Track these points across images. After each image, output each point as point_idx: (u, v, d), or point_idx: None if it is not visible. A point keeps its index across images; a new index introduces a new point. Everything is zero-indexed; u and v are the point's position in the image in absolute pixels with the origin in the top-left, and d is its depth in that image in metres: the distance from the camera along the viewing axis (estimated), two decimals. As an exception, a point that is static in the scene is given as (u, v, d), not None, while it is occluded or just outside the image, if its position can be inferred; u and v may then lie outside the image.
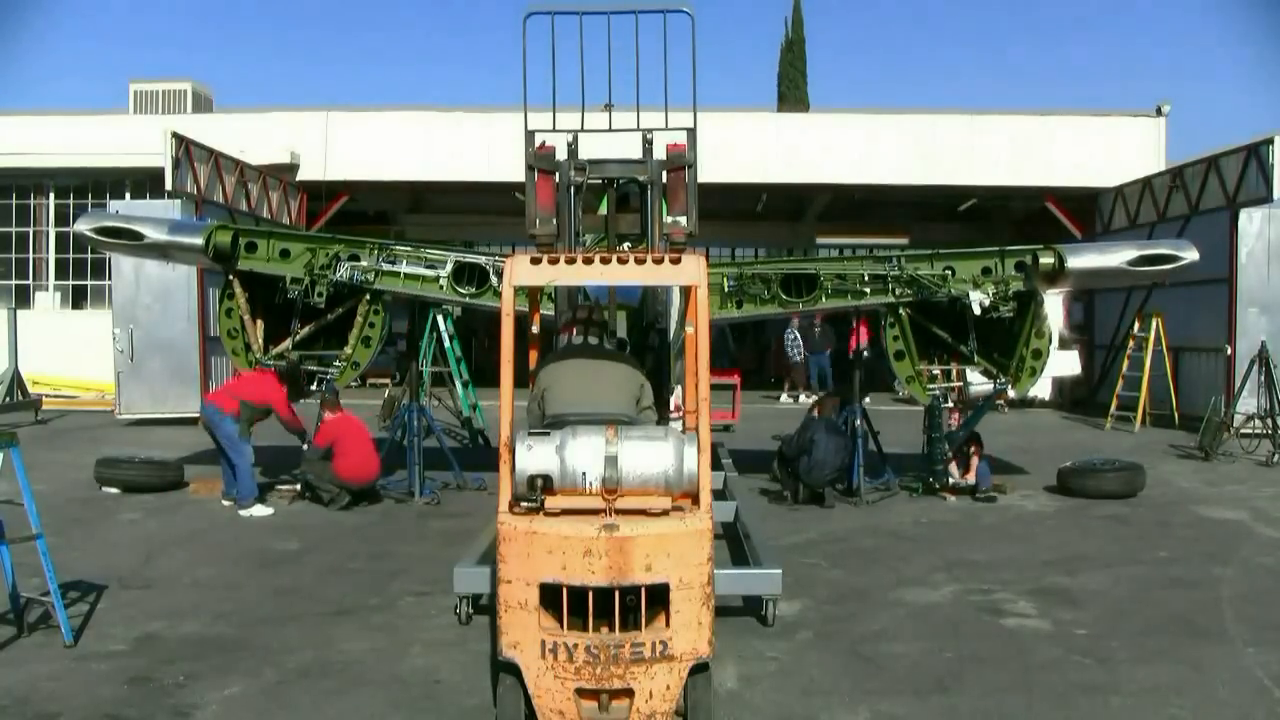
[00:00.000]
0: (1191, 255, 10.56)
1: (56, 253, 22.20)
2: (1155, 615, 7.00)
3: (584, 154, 6.34)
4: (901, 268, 10.58)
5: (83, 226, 10.83)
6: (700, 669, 4.55)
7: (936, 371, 10.98)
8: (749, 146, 21.86)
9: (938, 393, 10.93)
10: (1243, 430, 14.52)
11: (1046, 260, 10.34)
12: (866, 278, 10.67)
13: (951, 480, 11.04)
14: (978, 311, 10.39)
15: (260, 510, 10.15)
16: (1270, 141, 16.16)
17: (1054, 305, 15.88)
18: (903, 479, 11.44)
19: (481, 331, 23.65)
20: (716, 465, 10.26)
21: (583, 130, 6.27)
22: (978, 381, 10.92)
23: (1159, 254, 10.69)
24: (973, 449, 11.17)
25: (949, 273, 10.58)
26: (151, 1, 75.88)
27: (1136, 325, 18.44)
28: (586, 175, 6.27)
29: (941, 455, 10.97)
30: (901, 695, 5.51)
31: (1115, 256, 10.92)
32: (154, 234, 10.69)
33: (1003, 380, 10.74)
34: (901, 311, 10.67)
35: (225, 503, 10.41)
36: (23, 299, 21.96)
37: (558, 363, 5.72)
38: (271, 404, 10.45)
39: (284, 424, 10.66)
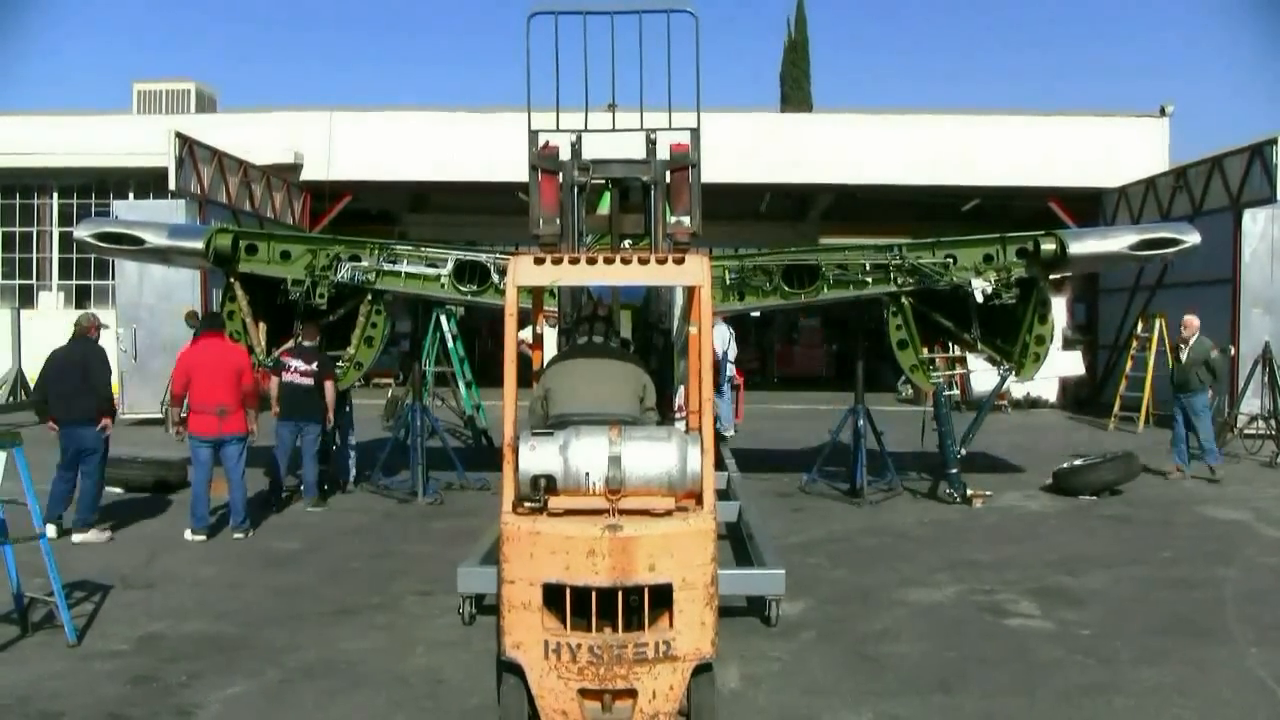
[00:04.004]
0: (1193, 238, 10.54)
1: (60, 253, 22.26)
2: (1158, 616, 6.98)
3: (587, 154, 6.34)
4: (903, 256, 10.57)
5: (83, 233, 10.84)
6: (703, 669, 4.55)
7: (939, 359, 10.94)
8: (752, 147, 21.87)
9: (941, 381, 10.89)
10: (1246, 431, 14.52)
11: (1048, 246, 10.32)
12: (868, 267, 10.65)
13: (970, 491, 10.80)
14: (980, 299, 10.37)
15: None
16: (1274, 141, 16.16)
17: (1058, 306, 15.86)
18: (905, 478, 11.41)
19: (485, 331, 23.66)
20: (720, 465, 10.26)
21: (586, 130, 6.27)
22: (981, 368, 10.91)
23: (1160, 238, 10.69)
24: None
25: (951, 261, 10.57)
26: (155, 2, 76.01)
27: (1140, 325, 18.42)
28: (590, 175, 6.27)
29: (953, 456, 10.88)
30: (904, 695, 5.51)
31: (1117, 241, 10.94)
32: (154, 239, 10.71)
33: (1006, 367, 10.71)
34: (904, 300, 10.65)
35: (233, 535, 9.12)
36: (27, 299, 22.01)
37: (561, 363, 5.72)
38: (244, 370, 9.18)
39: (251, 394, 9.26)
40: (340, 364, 10.86)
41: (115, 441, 9.56)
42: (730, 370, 15.73)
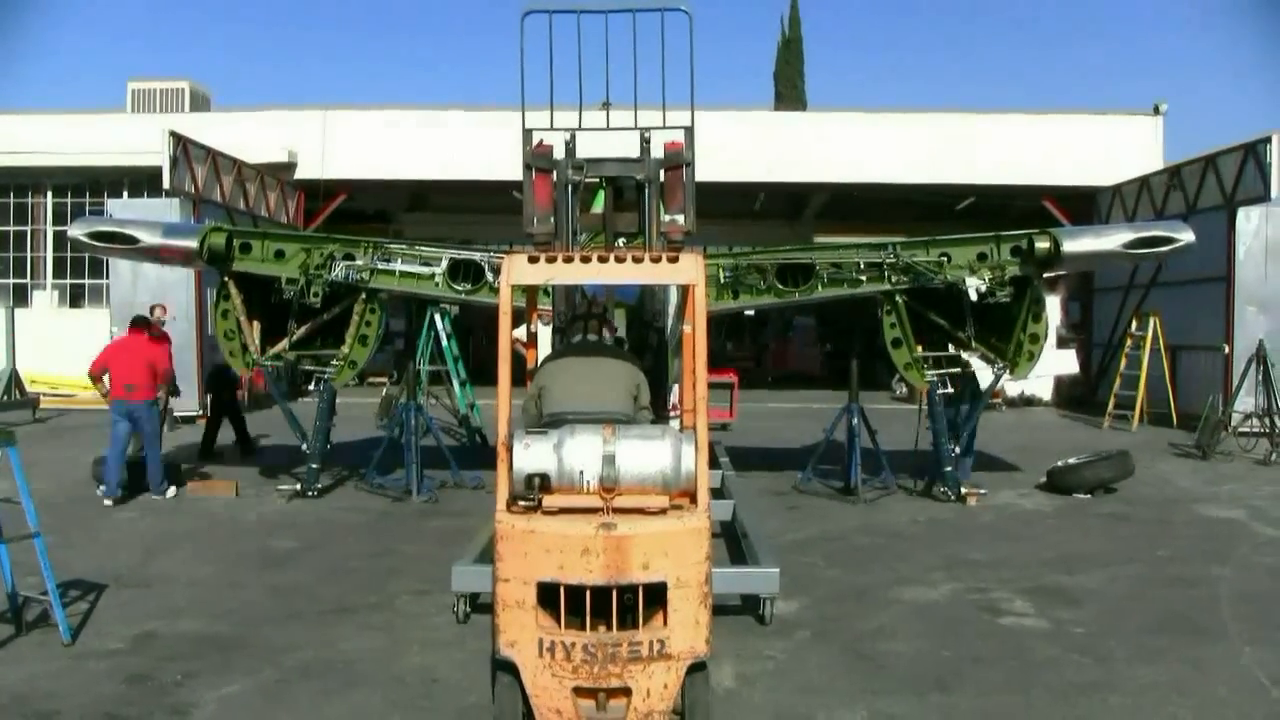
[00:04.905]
0: (1187, 237, 10.57)
1: (54, 251, 22.20)
2: (1153, 614, 7.00)
3: (581, 152, 6.34)
4: (897, 255, 10.56)
5: (76, 231, 10.81)
6: (698, 668, 4.54)
7: (932, 358, 10.92)
8: (747, 145, 21.86)
9: (935, 379, 10.88)
10: (1240, 429, 14.54)
11: (1042, 244, 10.33)
12: (862, 265, 10.64)
13: (964, 490, 10.76)
14: (974, 297, 10.37)
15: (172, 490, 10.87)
16: (1268, 140, 16.18)
17: (1052, 305, 15.88)
18: (900, 478, 11.42)
19: (479, 330, 23.67)
20: (714, 464, 10.26)
21: (580, 129, 6.26)
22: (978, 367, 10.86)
23: (1155, 236, 10.70)
24: None
25: (945, 259, 10.56)
26: (152, 1, 75.86)
27: (1134, 324, 18.45)
28: (584, 174, 6.26)
29: (947, 454, 10.87)
30: (900, 694, 5.52)
31: (1111, 239, 10.95)
32: (148, 237, 10.68)
33: (1000, 366, 10.72)
34: (898, 299, 10.64)
35: (106, 501, 10.45)
36: (20, 298, 21.97)
37: (555, 361, 5.72)
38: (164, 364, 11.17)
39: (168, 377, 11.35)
40: (335, 362, 10.86)
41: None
42: None
